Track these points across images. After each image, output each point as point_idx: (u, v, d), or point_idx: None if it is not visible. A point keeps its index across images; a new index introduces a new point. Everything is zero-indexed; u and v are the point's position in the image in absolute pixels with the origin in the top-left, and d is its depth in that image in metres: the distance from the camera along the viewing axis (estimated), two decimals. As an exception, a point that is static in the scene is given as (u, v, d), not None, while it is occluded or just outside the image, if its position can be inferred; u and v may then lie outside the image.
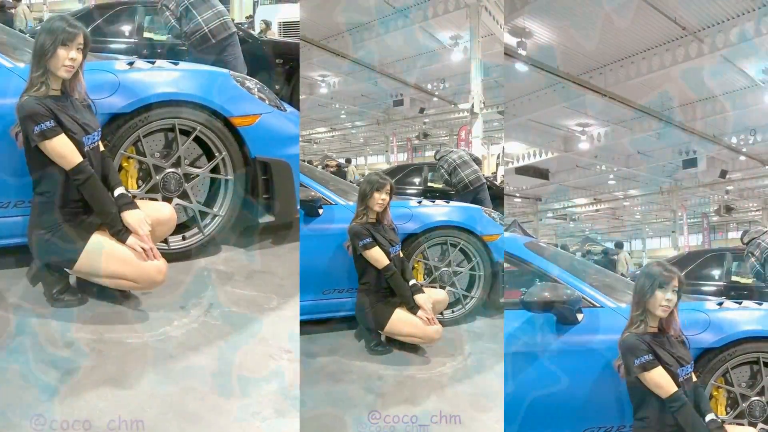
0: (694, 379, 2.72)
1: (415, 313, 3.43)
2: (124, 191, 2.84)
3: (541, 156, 13.30)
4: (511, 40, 9.12)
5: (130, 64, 3.31)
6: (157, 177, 3.33)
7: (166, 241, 3.32)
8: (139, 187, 3.33)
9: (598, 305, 2.92)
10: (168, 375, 2.62)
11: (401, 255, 3.58)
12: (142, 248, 2.73)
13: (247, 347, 2.82)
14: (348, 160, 12.32)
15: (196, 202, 3.40)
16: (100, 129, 2.89)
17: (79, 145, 2.73)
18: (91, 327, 2.78)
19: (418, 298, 3.43)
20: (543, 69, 9.61)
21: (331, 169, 10.79)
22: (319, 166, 11.10)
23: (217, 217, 3.43)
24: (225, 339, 2.85)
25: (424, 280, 3.89)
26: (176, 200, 3.37)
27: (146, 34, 6.22)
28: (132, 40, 6.31)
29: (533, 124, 12.07)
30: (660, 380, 2.53)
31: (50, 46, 2.68)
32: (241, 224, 3.49)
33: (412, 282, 3.50)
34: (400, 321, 3.43)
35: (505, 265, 3.50)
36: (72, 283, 2.92)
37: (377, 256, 3.43)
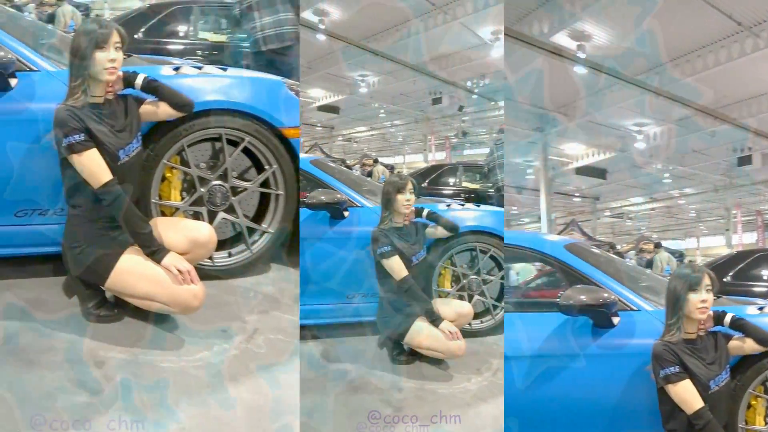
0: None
1: (437, 326, 3.21)
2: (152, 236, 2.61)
3: (598, 156, 13.04)
4: (570, 44, 8.81)
5: (176, 69, 3.11)
6: (202, 189, 3.12)
7: (210, 257, 3.12)
8: (183, 199, 3.12)
9: (635, 308, 2.82)
10: (202, 405, 2.42)
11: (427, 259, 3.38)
12: (179, 270, 2.54)
13: (290, 379, 2.60)
14: (375, 160, 12.12)
15: (243, 217, 3.18)
16: (140, 135, 2.71)
17: (113, 158, 2.57)
18: (124, 347, 2.61)
19: (442, 326, 3.21)
20: (600, 71, 9.31)
21: (369, 168, 10.64)
22: (357, 165, 10.92)
23: (266, 234, 3.22)
24: (268, 370, 2.64)
25: (452, 287, 3.67)
26: (222, 214, 3.15)
27: (201, 35, 6.00)
28: (187, 41, 6.11)
29: (591, 125, 11.82)
30: (684, 395, 2.43)
31: (86, 50, 2.54)
32: (292, 242, 3.29)
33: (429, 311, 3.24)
34: (420, 333, 3.22)
35: (546, 267, 3.41)
36: (109, 298, 2.75)
37: (395, 267, 3.22)
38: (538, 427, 2.73)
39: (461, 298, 3.64)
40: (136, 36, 5.88)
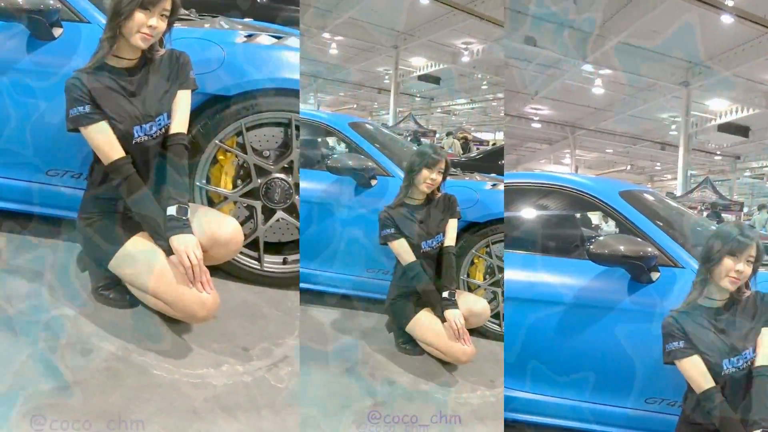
0: (761, 362, 2.15)
1: (444, 321, 2.78)
2: (176, 213, 2.17)
3: (742, 113, 12.17)
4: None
5: (249, 36, 2.62)
6: (259, 180, 2.64)
7: (259, 259, 2.66)
8: (235, 187, 2.66)
9: (680, 265, 2.53)
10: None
11: (447, 243, 2.89)
12: (193, 270, 2.12)
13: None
14: (434, 132, 11.41)
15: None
16: (167, 112, 2.25)
17: (125, 135, 2.17)
18: (120, 340, 2.23)
19: (448, 314, 2.76)
20: (748, 20, 8.59)
21: (460, 141, 9.93)
22: (450, 138, 10.31)
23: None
24: (276, 413, 2.15)
25: (485, 280, 3.18)
26: (281, 214, 2.67)
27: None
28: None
29: (736, 79, 10.89)
30: (691, 372, 2.17)
31: (126, 6, 2.11)
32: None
33: (445, 294, 2.79)
34: (423, 325, 2.81)
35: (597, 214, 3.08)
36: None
37: (400, 251, 2.82)
38: (565, 374, 2.59)
39: (494, 294, 3.16)
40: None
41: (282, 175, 2.65)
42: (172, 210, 2.16)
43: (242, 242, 2.34)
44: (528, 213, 2.97)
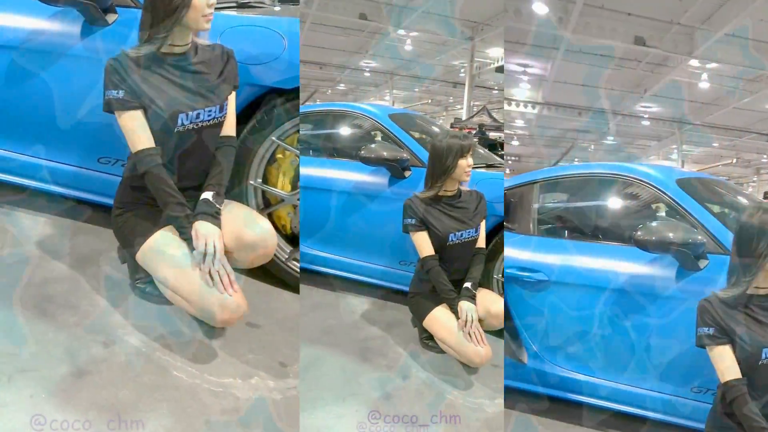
0: None
1: (458, 318, 2.62)
2: (211, 198, 2.05)
3: None
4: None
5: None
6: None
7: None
8: (294, 189, 2.45)
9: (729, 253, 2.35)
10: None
11: (479, 245, 2.76)
12: (210, 260, 1.96)
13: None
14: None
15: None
16: (218, 106, 2.10)
17: (166, 124, 2.04)
18: (147, 336, 2.12)
19: (462, 305, 2.60)
20: None
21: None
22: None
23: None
24: None
25: None
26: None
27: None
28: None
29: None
30: (718, 361, 2.08)
31: None
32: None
33: (468, 284, 2.67)
34: (437, 321, 2.65)
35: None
36: None
37: (419, 243, 2.67)
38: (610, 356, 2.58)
39: None
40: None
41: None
42: (208, 195, 2.05)
43: (273, 247, 2.11)
44: (584, 202, 2.96)
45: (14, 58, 2.38)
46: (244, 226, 2.05)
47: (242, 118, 2.35)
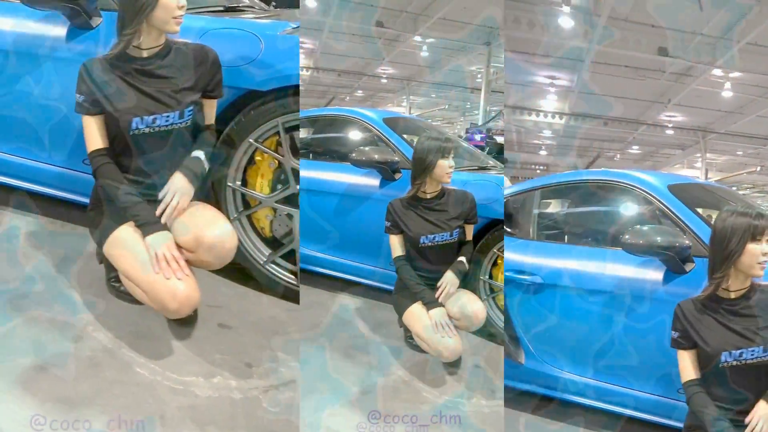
0: None
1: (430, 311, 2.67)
2: (202, 158, 2.14)
3: None
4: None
5: (297, 28, 2.42)
6: (298, 187, 2.41)
7: (296, 273, 2.45)
8: (273, 191, 2.45)
9: None
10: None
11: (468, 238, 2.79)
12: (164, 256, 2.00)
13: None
14: None
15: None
16: (177, 112, 2.11)
17: (122, 126, 2.07)
18: (115, 333, 2.15)
19: (432, 313, 2.63)
20: None
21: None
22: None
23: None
24: None
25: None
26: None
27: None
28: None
29: None
30: (679, 362, 2.20)
31: None
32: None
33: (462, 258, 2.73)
34: (413, 316, 2.68)
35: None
36: None
37: (392, 244, 2.74)
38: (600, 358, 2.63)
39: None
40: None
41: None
42: (199, 153, 2.13)
43: (232, 249, 2.10)
44: (579, 208, 3.08)
45: (0, 60, 2.44)
46: (204, 226, 2.06)
47: (223, 121, 2.37)
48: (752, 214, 2.06)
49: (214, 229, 2.06)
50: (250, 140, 2.37)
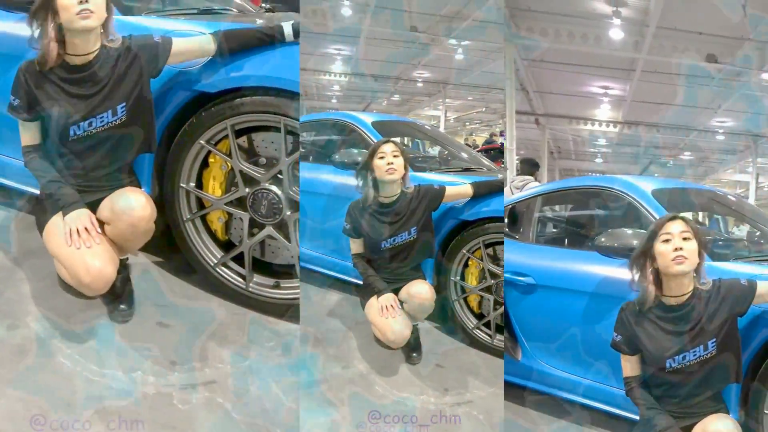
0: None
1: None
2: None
3: None
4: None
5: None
6: (247, 189, 2.41)
7: (245, 277, 2.44)
8: (225, 193, 2.46)
9: None
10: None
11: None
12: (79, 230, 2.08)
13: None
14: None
15: (297, 242, 2.46)
16: (110, 111, 2.15)
17: (61, 133, 2.14)
18: (51, 324, 2.22)
19: (383, 299, 2.69)
20: None
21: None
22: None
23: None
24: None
25: (480, 284, 3.02)
26: (269, 230, 2.43)
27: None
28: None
29: None
30: (622, 361, 2.30)
31: None
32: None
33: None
34: (371, 308, 2.74)
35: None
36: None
37: (351, 245, 2.80)
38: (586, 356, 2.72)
39: (482, 299, 3.04)
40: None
41: (274, 187, 2.40)
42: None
43: (142, 219, 2.13)
44: (571, 212, 3.26)
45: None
46: (117, 196, 2.14)
47: (176, 122, 2.39)
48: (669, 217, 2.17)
49: (125, 198, 2.13)
50: (201, 142, 2.38)
